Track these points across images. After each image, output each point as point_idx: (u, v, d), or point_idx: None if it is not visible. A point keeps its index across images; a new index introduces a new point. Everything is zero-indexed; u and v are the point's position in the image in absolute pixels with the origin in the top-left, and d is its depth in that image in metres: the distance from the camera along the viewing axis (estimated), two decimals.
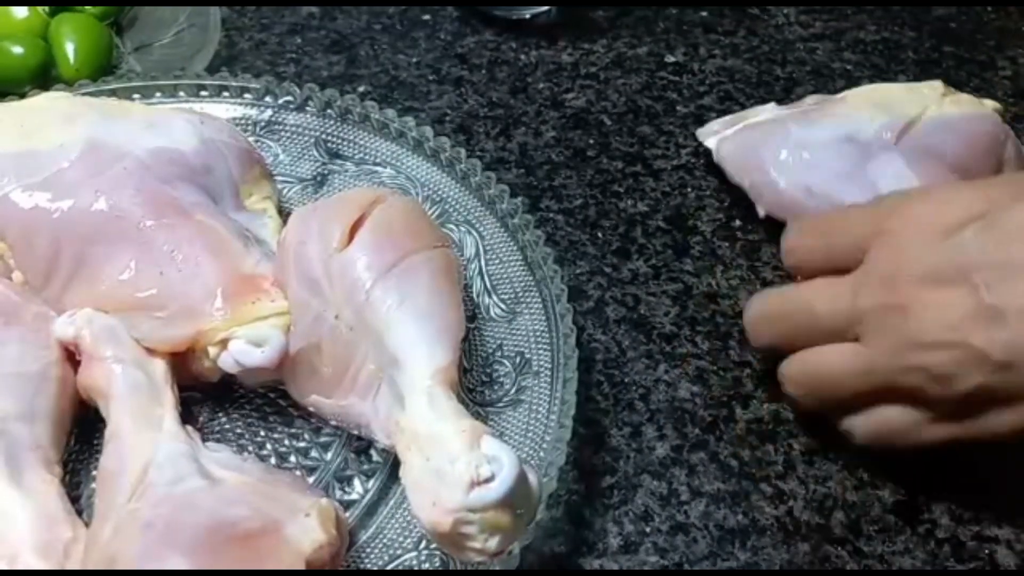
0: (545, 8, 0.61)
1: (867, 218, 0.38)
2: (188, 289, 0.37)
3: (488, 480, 0.30)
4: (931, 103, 0.49)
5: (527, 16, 0.61)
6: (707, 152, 0.53)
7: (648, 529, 0.38)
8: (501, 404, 0.39)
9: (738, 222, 0.50)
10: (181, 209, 0.39)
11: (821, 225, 0.41)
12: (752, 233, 0.49)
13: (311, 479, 0.38)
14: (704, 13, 0.62)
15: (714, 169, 0.52)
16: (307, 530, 0.31)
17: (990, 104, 0.51)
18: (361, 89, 0.56)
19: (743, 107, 0.56)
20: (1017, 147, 0.50)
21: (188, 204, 0.39)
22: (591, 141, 0.54)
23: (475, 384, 0.40)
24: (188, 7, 0.57)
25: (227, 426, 0.39)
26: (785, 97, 0.57)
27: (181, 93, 0.48)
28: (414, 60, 0.58)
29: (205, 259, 0.38)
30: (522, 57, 0.59)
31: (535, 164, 0.53)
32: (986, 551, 0.38)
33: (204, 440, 0.36)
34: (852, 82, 0.58)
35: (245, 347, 0.36)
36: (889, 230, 0.37)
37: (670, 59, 0.59)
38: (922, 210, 0.36)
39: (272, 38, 0.60)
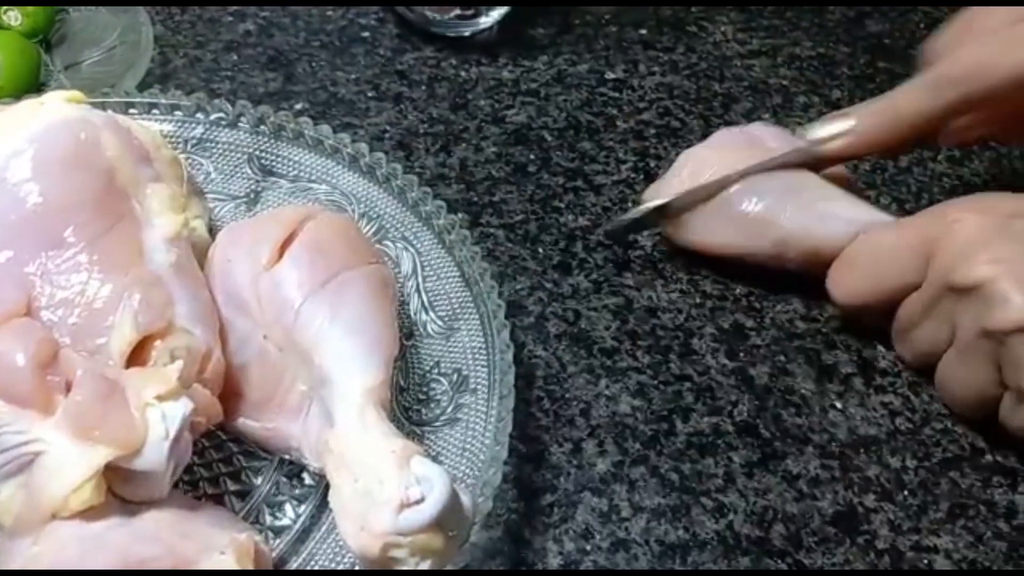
0: (485, 25, 0.61)
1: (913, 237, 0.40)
2: None
3: (418, 502, 0.30)
4: None
5: (466, 33, 0.61)
6: (647, 167, 0.53)
7: (588, 547, 0.38)
8: (438, 423, 0.38)
9: None
10: None
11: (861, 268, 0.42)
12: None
13: (241, 505, 0.37)
14: (643, 31, 0.63)
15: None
16: (222, 568, 0.30)
17: (55, 97, 0.39)
18: (299, 106, 0.55)
19: (683, 123, 0.56)
20: (120, 135, 0.38)
21: None
22: (532, 157, 0.54)
23: (411, 403, 0.39)
24: (119, 25, 0.56)
25: None
26: (724, 112, 0.57)
27: (110, 111, 0.47)
28: (353, 77, 0.58)
29: None
30: (462, 73, 0.59)
31: (476, 180, 0.52)
32: (925, 560, 0.38)
33: None
34: (788, 98, 0.59)
35: None
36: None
37: (610, 75, 0.59)
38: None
39: (207, 55, 0.59)
